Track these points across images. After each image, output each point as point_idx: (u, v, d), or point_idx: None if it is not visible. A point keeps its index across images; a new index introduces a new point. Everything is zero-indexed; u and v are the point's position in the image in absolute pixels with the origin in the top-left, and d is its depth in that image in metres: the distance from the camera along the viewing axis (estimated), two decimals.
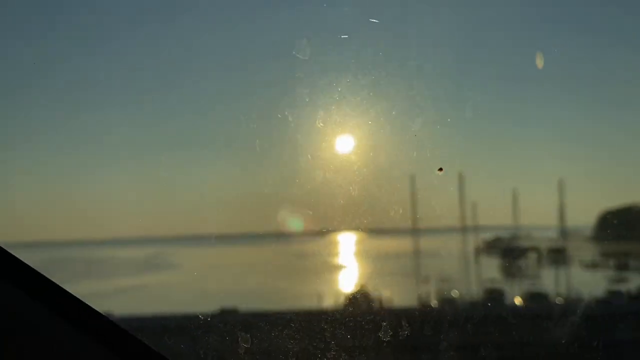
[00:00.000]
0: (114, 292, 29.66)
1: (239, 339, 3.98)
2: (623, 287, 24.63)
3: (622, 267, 37.48)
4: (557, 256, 38.88)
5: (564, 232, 42.40)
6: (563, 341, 6.10)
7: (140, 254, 62.62)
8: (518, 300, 21.65)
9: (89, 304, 1.37)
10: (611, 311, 15.00)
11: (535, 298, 22.47)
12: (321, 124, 2.83)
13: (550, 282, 29.84)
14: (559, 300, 21.56)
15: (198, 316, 4.45)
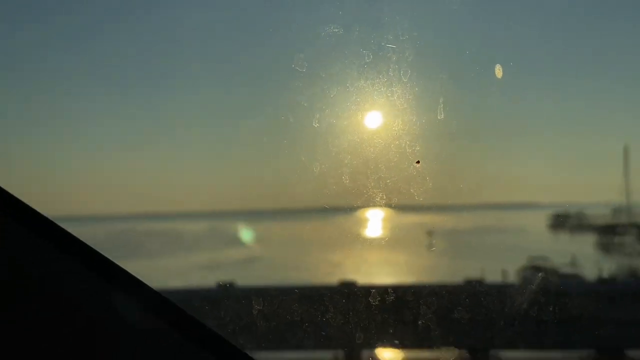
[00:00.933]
0: (231, 264, 30.09)
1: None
2: None
3: None
4: None
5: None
6: None
7: (197, 228, 64.29)
8: None
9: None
10: None
11: None
12: (317, 124, 3.59)
13: None
14: None
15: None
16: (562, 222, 49.97)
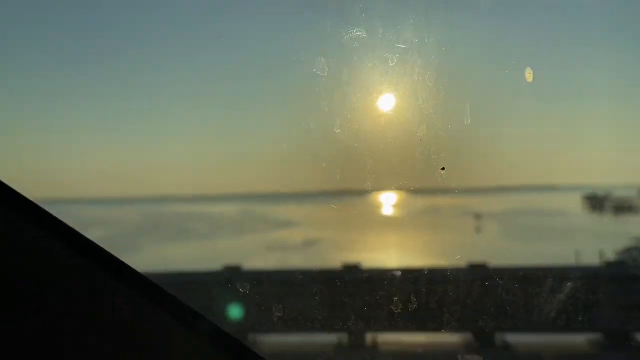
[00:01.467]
0: (293, 246, 29.95)
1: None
2: None
3: None
4: None
5: None
6: None
7: (228, 211, 64.56)
8: None
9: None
10: None
11: None
12: (338, 130, 3.54)
13: None
14: None
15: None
16: (600, 204, 49.22)
